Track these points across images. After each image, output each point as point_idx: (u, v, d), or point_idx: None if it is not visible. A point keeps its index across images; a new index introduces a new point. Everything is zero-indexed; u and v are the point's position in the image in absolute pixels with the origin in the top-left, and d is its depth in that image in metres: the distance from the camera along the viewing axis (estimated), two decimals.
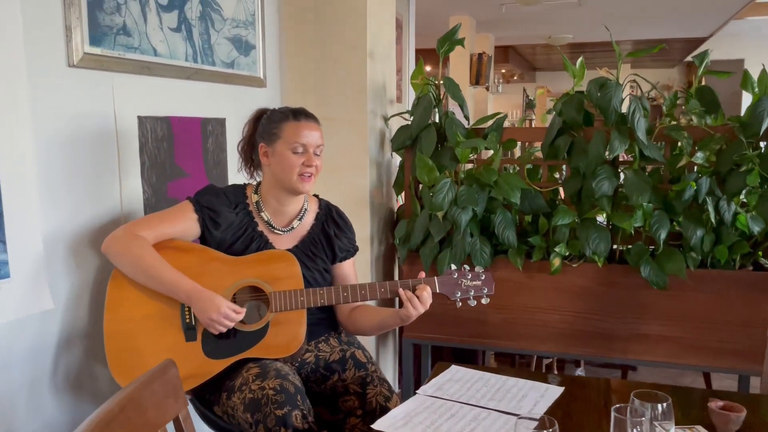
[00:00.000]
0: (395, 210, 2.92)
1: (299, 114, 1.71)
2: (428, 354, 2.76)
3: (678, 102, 2.39)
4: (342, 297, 1.65)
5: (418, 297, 1.60)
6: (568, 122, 2.32)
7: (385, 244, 2.79)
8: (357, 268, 1.94)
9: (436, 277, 1.68)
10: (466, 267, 1.71)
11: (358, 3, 2.48)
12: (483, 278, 1.70)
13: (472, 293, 1.68)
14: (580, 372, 3.50)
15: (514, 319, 2.45)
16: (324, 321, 1.78)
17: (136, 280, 1.57)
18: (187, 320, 1.59)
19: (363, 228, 2.56)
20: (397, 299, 1.67)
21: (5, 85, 1.43)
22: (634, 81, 2.30)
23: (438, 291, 1.67)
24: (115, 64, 1.72)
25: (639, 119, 2.17)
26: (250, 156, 1.79)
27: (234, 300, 1.63)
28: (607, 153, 2.23)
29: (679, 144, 2.18)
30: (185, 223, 1.64)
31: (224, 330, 1.56)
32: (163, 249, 1.59)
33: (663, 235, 2.14)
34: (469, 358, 3.04)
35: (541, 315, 2.41)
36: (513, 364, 3.50)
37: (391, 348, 2.94)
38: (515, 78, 10.33)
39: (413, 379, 2.70)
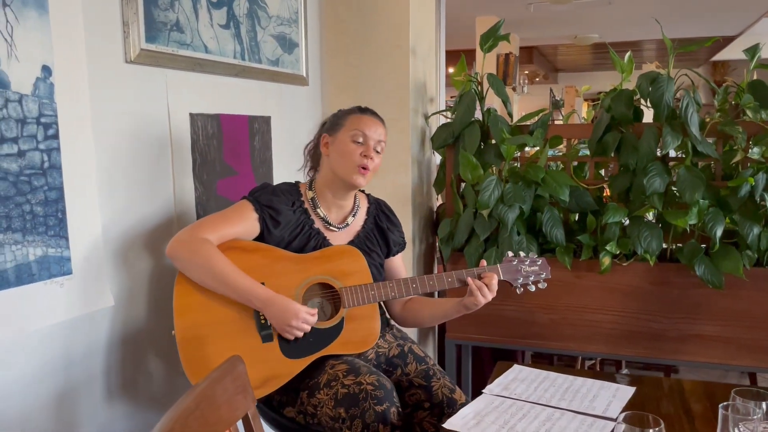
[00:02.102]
0: (435, 209, 2.89)
1: (366, 110, 1.73)
2: (469, 354, 2.72)
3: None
4: (412, 289, 1.65)
5: (486, 285, 1.61)
6: (616, 118, 2.27)
7: (425, 243, 2.76)
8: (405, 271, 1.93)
9: (498, 265, 1.70)
10: (522, 253, 1.75)
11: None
12: (540, 263, 1.74)
13: (531, 278, 1.71)
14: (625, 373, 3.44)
15: (561, 319, 2.40)
16: (380, 316, 1.76)
17: (206, 286, 1.53)
18: (263, 321, 1.55)
19: (405, 227, 2.51)
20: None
21: (68, 81, 1.42)
22: (685, 75, 2.25)
23: (502, 278, 1.69)
24: (169, 61, 1.71)
25: (692, 114, 2.12)
26: (315, 157, 1.78)
27: (303, 298, 1.61)
28: (659, 149, 2.19)
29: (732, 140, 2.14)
30: (247, 222, 1.61)
31: (300, 335, 1.53)
32: (229, 250, 1.56)
33: (718, 233, 2.09)
34: (507, 358, 3.00)
35: (588, 315, 2.37)
36: (551, 365, 3.44)
37: (431, 348, 2.90)
38: (538, 79, 10.27)
39: (456, 380, 2.66)
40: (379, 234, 1.80)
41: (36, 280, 1.37)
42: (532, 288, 1.72)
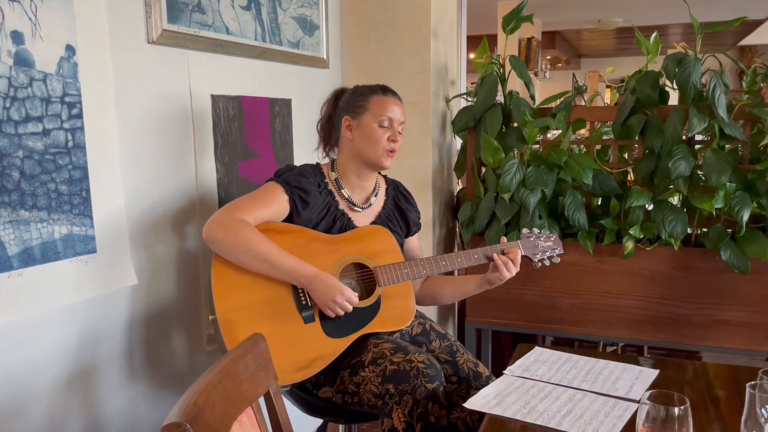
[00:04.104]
0: (455, 193, 2.88)
1: (387, 90, 1.73)
2: (488, 338, 2.71)
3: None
4: (442, 266, 1.69)
5: (511, 260, 1.66)
6: (641, 100, 2.23)
7: (445, 227, 2.75)
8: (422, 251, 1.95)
9: (519, 241, 1.77)
10: (536, 230, 1.82)
11: None
12: (553, 239, 1.81)
13: (547, 254, 1.79)
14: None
15: (583, 304, 2.38)
16: None
17: (248, 268, 1.52)
18: (303, 302, 1.56)
19: (425, 211, 2.52)
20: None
21: (91, 60, 1.43)
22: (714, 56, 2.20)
23: (523, 253, 1.75)
24: (191, 42, 1.72)
25: (720, 96, 2.07)
26: (329, 135, 1.78)
27: (339, 278, 1.63)
28: (685, 131, 2.15)
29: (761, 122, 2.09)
30: (279, 204, 1.61)
31: (342, 313, 1.55)
32: (263, 232, 1.55)
33: (745, 217, 2.05)
34: (527, 343, 2.99)
35: (611, 300, 2.34)
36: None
37: (451, 332, 2.90)
38: (560, 65, 10.14)
39: None
40: (399, 214, 1.81)
41: (61, 258, 1.39)
42: (548, 263, 1.79)
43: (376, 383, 1.51)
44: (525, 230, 1.81)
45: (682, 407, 0.85)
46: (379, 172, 1.87)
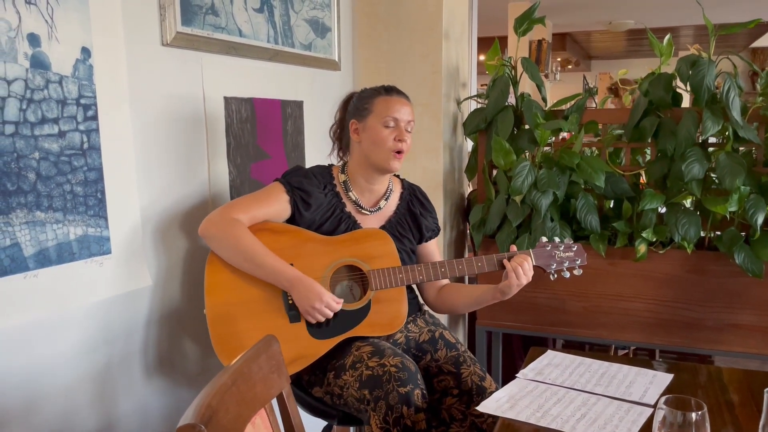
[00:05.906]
0: (466, 195, 2.87)
1: (391, 90, 1.71)
2: (499, 341, 2.70)
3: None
4: (440, 273, 1.64)
5: (519, 266, 1.59)
6: (654, 102, 2.22)
7: (456, 230, 2.75)
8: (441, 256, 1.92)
9: (531, 250, 1.67)
10: (557, 239, 1.72)
11: None
12: (575, 249, 1.71)
13: (566, 264, 1.68)
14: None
15: (594, 307, 2.37)
16: (412, 301, 1.76)
17: (235, 266, 1.55)
18: (290, 301, 1.57)
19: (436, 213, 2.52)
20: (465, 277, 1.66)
21: (106, 63, 1.44)
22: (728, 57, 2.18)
23: (534, 264, 1.66)
24: (204, 44, 1.73)
25: (734, 98, 2.06)
26: (341, 140, 1.78)
27: (331, 279, 1.62)
28: (698, 134, 2.13)
29: None
30: (278, 204, 1.62)
31: (322, 319, 1.54)
32: (258, 231, 1.58)
33: (759, 220, 2.03)
34: (538, 346, 2.97)
35: (623, 303, 2.33)
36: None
37: (462, 335, 2.90)
38: (570, 66, 10.11)
39: (486, 367, 2.65)
40: (411, 219, 1.79)
41: (76, 259, 1.40)
42: (567, 275, 1.69)
43: (355, 388, 1.49)
44: (543, 239, 1.72)
45: (700, 412, 0.84)
46: (398, 176, 1.87)
